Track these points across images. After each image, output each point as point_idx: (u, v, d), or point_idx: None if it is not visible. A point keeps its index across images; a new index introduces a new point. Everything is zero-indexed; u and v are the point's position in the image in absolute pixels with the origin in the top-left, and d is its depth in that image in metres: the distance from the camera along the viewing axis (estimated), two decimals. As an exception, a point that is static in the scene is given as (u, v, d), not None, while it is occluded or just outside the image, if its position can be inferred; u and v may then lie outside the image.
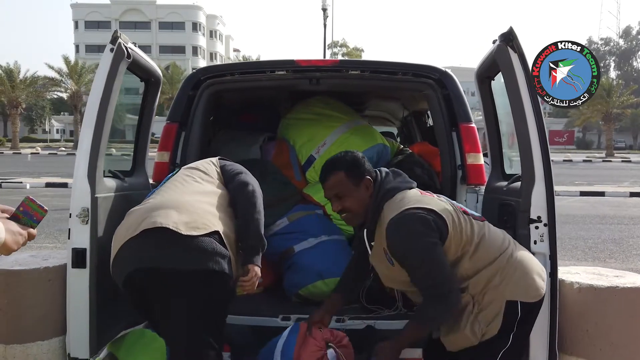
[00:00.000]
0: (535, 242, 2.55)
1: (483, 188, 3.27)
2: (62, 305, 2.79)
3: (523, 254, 2.39)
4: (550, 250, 2.55)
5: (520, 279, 2.29)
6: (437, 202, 2.38)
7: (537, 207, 2.55)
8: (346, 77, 3.57)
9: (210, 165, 2.76)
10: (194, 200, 2.46)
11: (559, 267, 2.88)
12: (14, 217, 1.75)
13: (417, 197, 2.39)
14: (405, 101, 5.25)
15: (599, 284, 2.63)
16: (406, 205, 2.31)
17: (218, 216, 2.45)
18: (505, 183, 3.06)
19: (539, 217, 2.55)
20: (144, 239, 2.31)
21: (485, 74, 3.08)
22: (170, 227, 2.28)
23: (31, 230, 1.77)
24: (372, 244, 2.51)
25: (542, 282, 2.33)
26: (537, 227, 2.55)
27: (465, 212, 2.41)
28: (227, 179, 2.68)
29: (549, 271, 2.54)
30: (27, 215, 1.78)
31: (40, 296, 2.80)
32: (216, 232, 2.37)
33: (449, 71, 3.42)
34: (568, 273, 2.83)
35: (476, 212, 3.20)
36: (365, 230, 2.52)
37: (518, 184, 2.77)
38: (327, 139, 4.16)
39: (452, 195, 3.33)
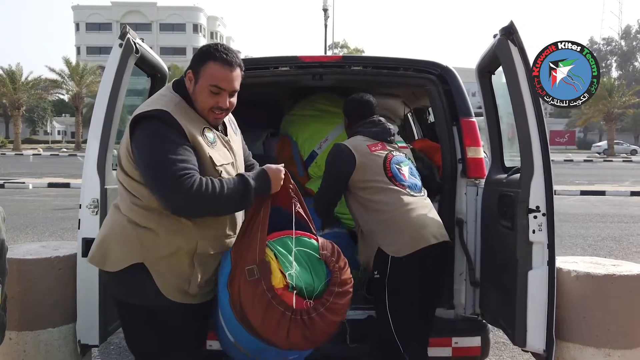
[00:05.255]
0: (534, 232, 2.61)
1: (483, 181, 3.32)
2: (72, 294, 2.86)
3: (417, 218, 2.88)
4: (549, 239, 2.60)
5: (391, 235, 2.84)
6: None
7: (536, 197, 2.60)
8: (349, 72, 3.62)
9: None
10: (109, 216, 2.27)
11: (558, 257, 2.95)
12: None
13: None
14: (407, 98, 5.31)
15: (596, 272, 2.69)
16: None
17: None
18: (505, 175, 3.12)
19: (537, 207, 2.60)
20: None
21: (486, 68, 3.14)
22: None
23: None
24: None
25: (409, 245, 2.81)
26: (535, 217, 2.60)
27: (393, 179, 2.95)
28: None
29: (546, 259, 2.60)
30: None
31: (51, 285, 2.87)
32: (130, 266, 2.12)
33: (450, 66, 3.46)
34: (566, 262, 2.89)
35: (477, 205, 3.29)
36: None
37: (517, 175, 2.83)
38: (329, 134, 4.23)
39: (453, 188, 3.39)
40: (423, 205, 2.99)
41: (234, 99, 2.23)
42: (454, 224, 3.38)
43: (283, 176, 2.25)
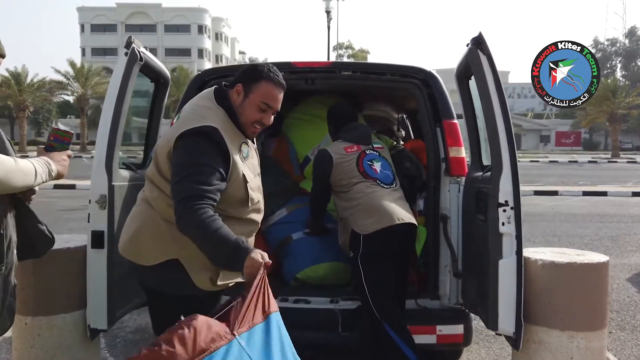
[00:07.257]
0: (503, 224, 2.81)
1: (464, 179, 3.53)
2: (83, 282, 3.06)
3: (384, 203, 3.34)
4: (516, 230, 2.80)
5: (361, 217, 3.33)
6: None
7: (504, 192, 2.80)
8: (339, 77, 3.85)
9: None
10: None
11: (529, 248, 3.18)
12: (49, 148, 2.07)
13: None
14: (400, 101, 5.54)
15: (560, 260, 2.89)
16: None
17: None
18: (481, 173, 3.34)
19: (506, 202, 2.80)
20: None
21: (463, 74, 3.34)
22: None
23: (68, 152, 2.12)
24: None
25: (375, 224, 3.28)
26: (504, 210, 2.80)
27: (365, 173, 3.44)
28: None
29: (515, 249, 2.80)
30: (59, 141, 2.13)
31: (63, 274, 3.07)
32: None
33: (433, 72, 3.67)
34: (535, 252, 3.09)
35: (459, 201, 3.51)
36: None
37: (490, 173, 3.05)
38: (321, 141, 4.42)
39: (437, 186, 3.62)
40: (390, 194, 3.46)
41: (272, 118, 2.38)
42: (439, 219, 3.61)
43: (259, 269, 2.04)
